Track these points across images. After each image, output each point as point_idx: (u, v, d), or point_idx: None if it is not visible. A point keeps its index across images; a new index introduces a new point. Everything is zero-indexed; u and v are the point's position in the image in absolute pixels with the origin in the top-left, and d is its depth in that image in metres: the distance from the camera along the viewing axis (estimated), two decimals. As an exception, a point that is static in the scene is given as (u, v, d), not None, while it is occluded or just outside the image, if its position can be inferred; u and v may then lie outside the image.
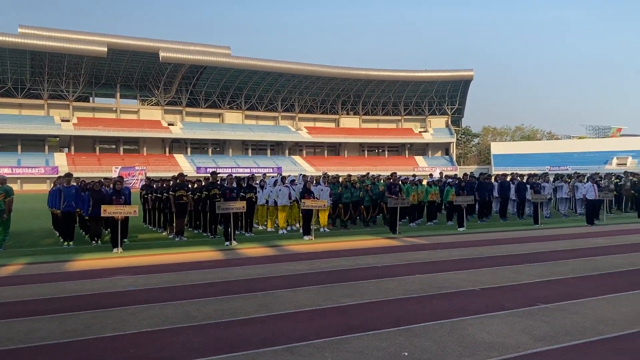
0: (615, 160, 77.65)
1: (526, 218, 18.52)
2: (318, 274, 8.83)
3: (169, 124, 79.72)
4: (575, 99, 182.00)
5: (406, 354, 4.75)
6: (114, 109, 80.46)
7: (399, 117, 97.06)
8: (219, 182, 14.37)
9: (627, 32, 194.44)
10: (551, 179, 21.87)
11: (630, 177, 22.30)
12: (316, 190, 14.85)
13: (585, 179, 19.39)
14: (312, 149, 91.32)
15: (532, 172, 21.62)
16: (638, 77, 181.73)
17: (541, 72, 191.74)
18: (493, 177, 20.53)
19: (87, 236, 14.06)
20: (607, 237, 13.56)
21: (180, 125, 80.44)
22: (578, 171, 25.80)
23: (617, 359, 4.63)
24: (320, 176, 16.61)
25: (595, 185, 17.60)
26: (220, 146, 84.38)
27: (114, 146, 77.99)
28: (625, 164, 73.78)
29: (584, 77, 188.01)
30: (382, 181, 18.07)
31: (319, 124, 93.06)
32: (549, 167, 68.53)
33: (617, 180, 22.82)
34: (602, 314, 6.06)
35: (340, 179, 16.99)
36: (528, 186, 18.36)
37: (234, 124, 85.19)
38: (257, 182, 16.12)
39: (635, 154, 78.01)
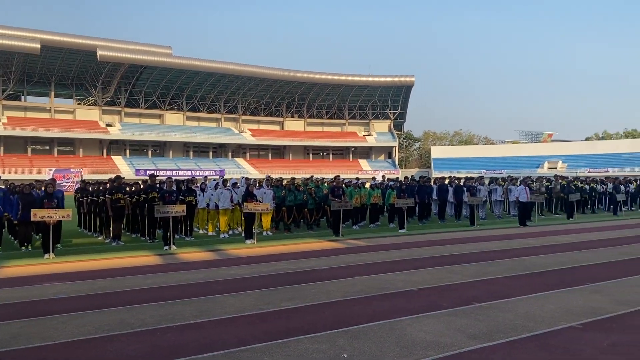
0: (546, 165, 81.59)
1: (463, 219, 19.15)
2: (259, 278, 8.77)
3: (106, 125, 76.94)
4: (509, 106, 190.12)
5: (345, 355, 4.79)
6: (48, 108, 76.84)
7: (343, 121, 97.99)
8: (157, 185, 14.03)
9: (558, 40, 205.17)
10: (486, 182, 22.72)
11: (560, 181, 23.50)
12: (259, 194, 14.75)
13: (518, 182, 20.27)
14: (256, 152, 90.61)
15: (469, 176, 22.32)
16: (568, 84, 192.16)
17: (478, 80, 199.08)
18: (432, 180, 21.09)
19: (16, 241, 13.40)
20: (537, 238, 14.22)
21: (118, 126, 77.85)
22: (512, 175, 26.88)
23: (545, 354, 4.85)
24: (263, 179, 16.53)
25: (527, 188, 18.40)
26: (160, 148, 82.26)
27: (47, 147, 74.43)
28: (556, 168, 77.78)
29: (518, 85, 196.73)
30: (325, 184, 18.20)
31: (263, 127, 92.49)
32: (484, 171, 71.06)
33: (548, 184, 23.98)
34: (531, 311, 6.34)
35: (284, 182, 16.97)
36: (465, 189, 18.98)
37: (174, 125, 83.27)
38: (197, 185, 15.83)
39: (565, 159, 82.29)
